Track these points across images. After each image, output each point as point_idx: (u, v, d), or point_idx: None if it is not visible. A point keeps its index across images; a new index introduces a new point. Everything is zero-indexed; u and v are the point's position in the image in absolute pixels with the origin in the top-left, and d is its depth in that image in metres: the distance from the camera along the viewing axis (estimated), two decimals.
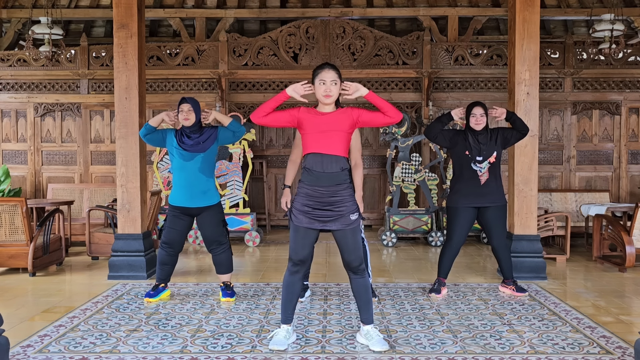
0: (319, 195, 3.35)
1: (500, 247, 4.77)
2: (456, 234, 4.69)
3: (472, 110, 4.62)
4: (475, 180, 4.61)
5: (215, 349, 3.44)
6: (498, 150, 4.64)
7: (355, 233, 3.40)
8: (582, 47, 8.55)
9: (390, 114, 3.34)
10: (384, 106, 3.35)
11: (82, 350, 3.43)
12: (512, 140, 4.72)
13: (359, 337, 3.56)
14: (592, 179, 8.73)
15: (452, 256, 4.76)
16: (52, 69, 8.64)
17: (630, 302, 4.64)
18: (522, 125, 4.67)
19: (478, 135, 4.62)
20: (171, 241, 4.56)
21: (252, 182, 8.89)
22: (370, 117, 3.38)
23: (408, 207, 7.75)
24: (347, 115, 3.37)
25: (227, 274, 4.70)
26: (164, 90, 8.62)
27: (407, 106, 8.49)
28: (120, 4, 5.41)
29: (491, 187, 4.63)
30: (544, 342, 3.57)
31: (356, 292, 3.48)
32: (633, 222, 5.79)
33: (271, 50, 8.49)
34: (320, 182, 3.34)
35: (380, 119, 3.38)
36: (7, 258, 5.64)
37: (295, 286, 3.48)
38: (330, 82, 3.32)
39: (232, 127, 4.49)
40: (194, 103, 4.49)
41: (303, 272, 3.49)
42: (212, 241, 4.57)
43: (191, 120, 4.46)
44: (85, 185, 8.41)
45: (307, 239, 3.43)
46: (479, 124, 4.59)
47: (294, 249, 3.43)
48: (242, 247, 7.37)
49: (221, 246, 4.61)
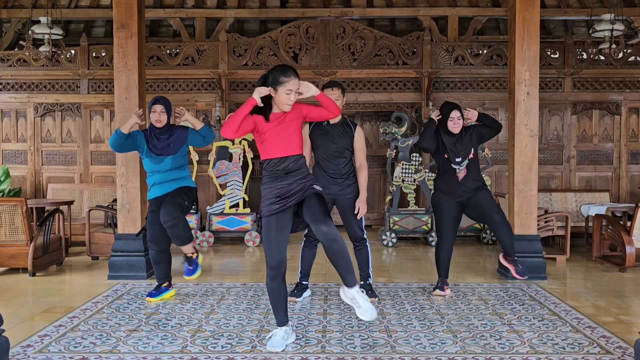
0: (281, 186, 3.37)
1: (498, 223, 4.55)
2: (445, 231, 4.68)
3: (450, 113, 4.60)
4: (454, 177, 4.64)
5: (215, 349, 3.44)
6: (474, 146, 4.67)
7: (320, 198, 3.36)
8: (582, 47, 8.55)
9: (332, 110, 3.46)
10: (329, 104, 3.45)
11: (82, 350, 3.43)
12: (487, 137, 4.73)
13: (343, 296, 3.36)
14: (592, 179, 8.73)
15: (447, 255, 4.74)
16: (52, 69, 8.64)
17: (630, 302, 4.64)
18: (493, 123, 4.69)
19: (453, 136, 4.63)
20: (154, 238, 4.53)
21: (252, 182, 8.89)
22: (316, 113, 3.49)
23: (408, 207, 7.75)
24: (299, 114, 3.42)
25: (187, 244, 4.49)
26: (164, 90, 8.62)
27: (407, 106, 8.49)
28: (120, 4, 5.41)
29: (469, 182, 4.63)
30: (544, 342, 3.57)
31: (333, 258, 3.25)
32: (633, 222, 5.79)
33: (271, 50, 8.49)
34: (282, 179, 3.38)
35: (324, 114, 3.50)
36: (7, 258, 5.64)
37: (279, 290, 3.44)
38: (295, 91, 3.32)
39: (202, 132, 4.48)
40: (166, 104, 4.49)
41: (283, 275, 3.42)
42: (164, 215, 4.30)
43: (163, 122, 4.46)
44: (85, 185, 8.41)
45: (280, 233, 3.35)
46: (456, 127, 4.60)
47: (269, 251, 3.36)
48: (242, 247, 7.37)
49: (173, 222, 4.29)
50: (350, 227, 4.44)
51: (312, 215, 3.29)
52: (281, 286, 3.44)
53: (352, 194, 4.38)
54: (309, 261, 4.67)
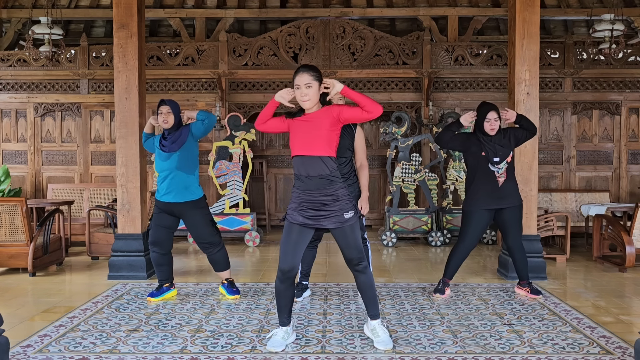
0: (311, 198, 3.35)
1: (516, 248, 4.69)
2: (469, 237, 4.64)
3: (486, 115, 4.53)
4: (493, 183, 4.55)
5: (215, 349, 3.44)
6: (512, 149, 4.61)
7: (353, 230, 3.39)
8: (582, 47, 8.55)
9: (369, 109, 3.31)
10: (361, 101, 3.32)
11: (82, 350, 3.43)
12: (522, 140, 4.67)
13: (365, 329, 3.61)
14: (592, 179, 8.73)
15: (462, 258, 4.73)
16: (52, 69, 8.64)
17: (630, 302, 4.64)
18: (530, 126, 4.64)
19: (492, 137, 4.57)
20: (157, 240, 4.56)
21: (252, 182, 8.89)
22: (351, 114, 3.35)
23: (408, 207, 7.75)
24: (327, 114, 3.37)
25: (226, 271, 4.72)
26: (164, 90, 8.62)
27: (407, 106, 8.49)
28: (120, 4, 5.41)
29: (509, 188, 4.58)
30: (544, 342, 3.57)
31: (360, 288, 3.49)
32: (633, 222, 5.79)
33: (271, 50, 8.49)
34: (309, 187, 3.34)
35: (359, 115, 3.35)
36: (7, 258, 5.64)
37: (287, 292, 3.44)
38: (304, 85, 3.31)
39: (200, 117, 4.53)
40: (172, 105, 4.54)
41: (292, 279, 3.43)
42: (204, 243, 4.60)
43: (170, 123, 4.50)
44: (85, 185, 8.41)
45: (300, 242, 3.38)
46: (493, 129, 4.53)
47: (284, 254, 3.37)
48: (242, 247, 7.37)
49: (214, 246, 4.63)
50: None
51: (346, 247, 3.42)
52: (289, 289, 3.45)
53: (353, 194, 4.38)
54: (309, 261, 4.68)
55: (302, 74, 3.33)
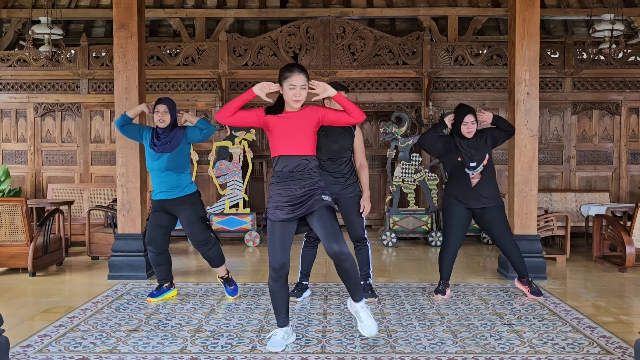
0: (291, 192, 3.34)
1: (509, 249, 4.69)
2: (452, 236, 4.65)
3: (463, 118, 4.53)
4: (467, 183, 4.57)
5: (215, 349, 3.44)
6: (489, 150, 4.60)
7: (331, 213, 3.35)
8: (582, 47, 8.55)
9: (355, 115, 3.36)
10: (349, 107, 3.36)
11: (82, 350, 3.43)
12: (501, 140, 4.67)
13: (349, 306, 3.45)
14: (592, 179, 8.73)
15: (451, 259, 4.72)
16: (52, 69, 8.64)
17: (630, 302, 4.64)
18: (508, 126, 4.66)
19: (468, 140, 4.57)
20: (152, 239, 4.54)
21: (252, 182, 8.89)
22: (335, 117, 3.40)
23: (408, 207, 7.75)
24: (313, 115, 3.37)
25: (221, 266, 4.66)
26: (164, 90, 8.62)
27: (407, 106, 8.49)
28: (120, 4, 5.41)
29: (484, 190, 4.56)
30: (544, 342, 3.57)
31: (341, 276, 3.34)
32: (633, 222, 5.79)
33: (271, 50, 8.49)
34: (291, 183, 3.34)
35: (345, 119, 3.39)
36: (7, 258, 5.65)
37: (281, 291, 3.44)
38: (300, 86, 3.30)
39: (199, 125, 4.51)
40: (170, 104, 4.51)
41: (285, 277, 3.42)
42: (196, 241, 4.54)
43: (166, 122, 4.49)
44: (85, 185, 8.41)
45: (285, 237, 3.37)
46: (470, 132, 4.54)
47: (272, 253, 3.37)
48: (242, 247, 7.37)
49: (207, 245, 4.56)
50: (352, 226, 4.45)
51: (323, 232, 3.29)
52: (283, 288, 3.44)
53: (353, 193, 4.40)
54: (309, 261, 4.68)
55: (298, 74, 3.31)
